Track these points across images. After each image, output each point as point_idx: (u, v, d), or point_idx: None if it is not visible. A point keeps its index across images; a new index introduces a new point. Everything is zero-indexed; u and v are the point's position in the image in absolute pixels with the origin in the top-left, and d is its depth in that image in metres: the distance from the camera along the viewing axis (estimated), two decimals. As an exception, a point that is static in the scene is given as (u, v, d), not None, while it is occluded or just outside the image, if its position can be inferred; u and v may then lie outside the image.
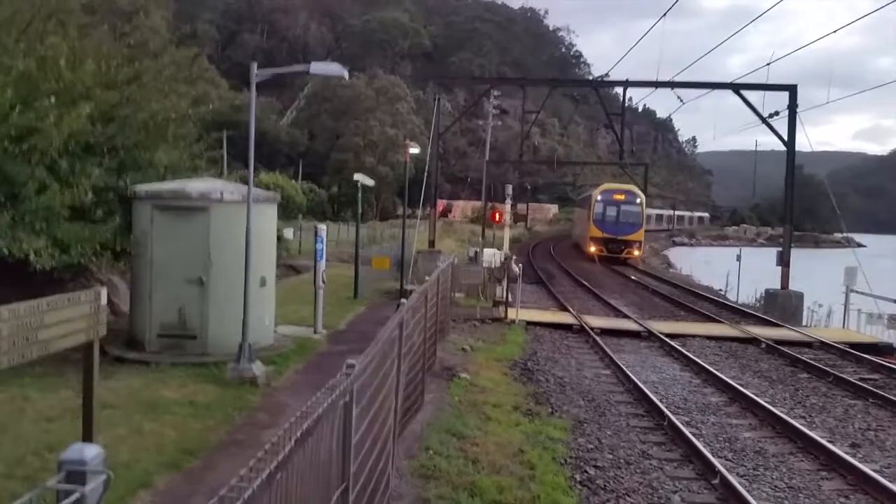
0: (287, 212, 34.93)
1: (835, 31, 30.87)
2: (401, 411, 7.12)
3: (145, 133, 12.25)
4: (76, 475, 2.21)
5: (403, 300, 7.50)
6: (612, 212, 40.08)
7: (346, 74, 11.36)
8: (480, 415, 9.04)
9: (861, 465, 8.14)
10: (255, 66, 10.06)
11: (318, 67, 11.17)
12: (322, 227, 14.49)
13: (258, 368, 9.61)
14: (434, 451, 7.35)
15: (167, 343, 10.61)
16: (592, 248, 40.48)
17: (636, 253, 40.46)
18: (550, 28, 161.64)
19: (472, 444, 7.83)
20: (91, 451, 2.24)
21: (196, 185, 11.28)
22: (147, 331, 10.72)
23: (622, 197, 40.82)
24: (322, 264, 13.81)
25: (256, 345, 10.19)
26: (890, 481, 7.68)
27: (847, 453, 8.69)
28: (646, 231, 45.06)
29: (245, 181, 10.70)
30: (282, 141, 74.25)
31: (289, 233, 27.90)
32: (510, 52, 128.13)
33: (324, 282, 13.60)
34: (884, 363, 14.36)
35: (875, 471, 8.08)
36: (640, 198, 41.17)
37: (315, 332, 13.20)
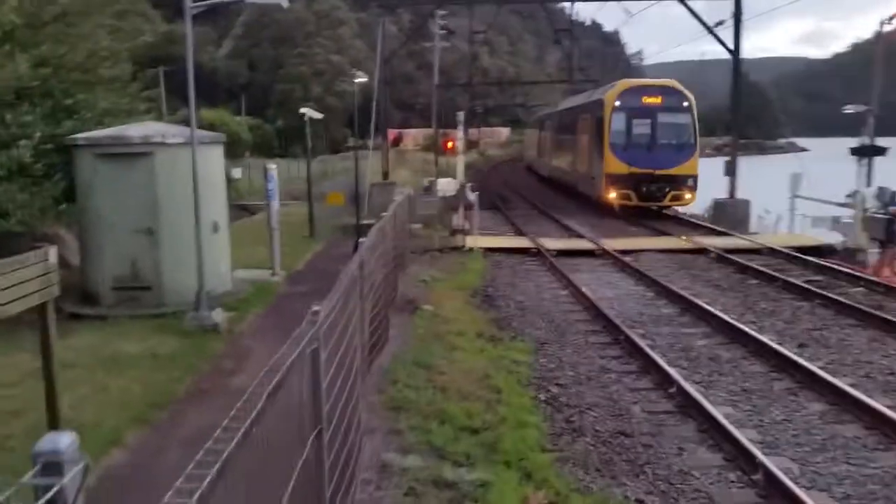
0: (233, 150, 34.07)
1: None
2: (367, 348, 7.21)
3: (80, 74, 11.69)
4: (53, 466, 2.17)
5: (362, 239, 7.47)
6: (642, 127, 24.04)
7: (285, 3, 10.93)
8: (445, 344, 9.20)
9: (807, 364, 8.58)
10: (188, -2, 9.56)
11: (254, -3, 10.70)
12: (272, 166, 14.18)
13: (218, 315, 9.56)
14: (403, 384, 7.49)
15: (122, 296, 10.44)
16: (612, 194, 24.10)
17: (688, 196, 24.46)
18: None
19: (439, 373, 7.99)
20: (65, 441, 2.21)
21: (137, 130, 10.89)
22: (100, 285, 10.52)
23: (658, 100, 24.26)
24: (275, 205, 13.59)
25: (214, 291, 10.11)
26: (832, 376, 8.15)
27: (794, 353, 9.14)
28: None
29: (187, 122, 10.35)
30: (221, 74, 71.64)
31: (237, 172, 27.26)
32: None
33: (278, 223, 13.42)
34: (828, 265, 14.97)
35: (820, 367, 8.55)
36: (689, 100, 24.33)
37: (273, 274, 13.12)
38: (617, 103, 24.48)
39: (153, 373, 7.77)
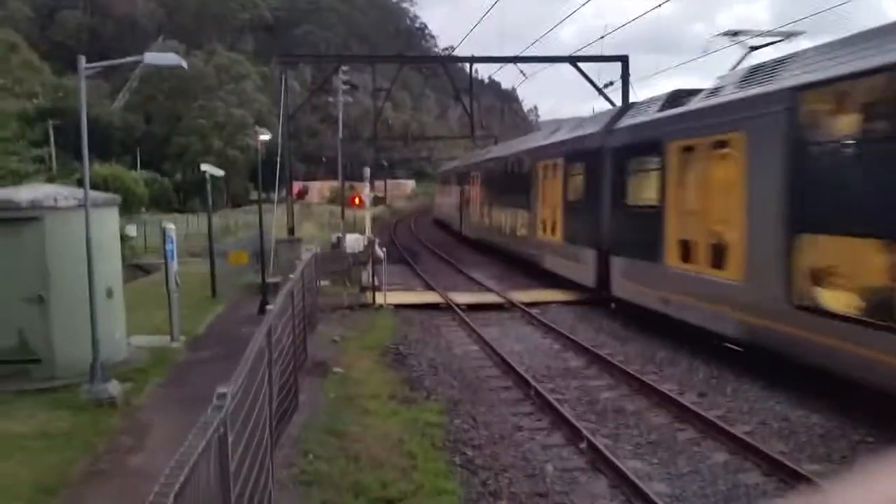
0: (128, 206, 32.73)
1: (659, 6, 33.30)
2: (275, 417, 6.97)
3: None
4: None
5: (269, 306, 7.30)
6: None
7: (184, 64, 10.80)
8: (357, 408, 9.04)
9: (707, 414, 8.94)
10: (83, 59, 9.26)
11: (152, 57, 10.54)
12: (171, 226, 13.69)
13: (114, 388, 9.03)
14: (314, 455, 7.27)
15: (9, 370, 9.70)
16: None
17: None
18: (393, 0, 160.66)
19: (352, 440, 7.82)
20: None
21: (26, 193, 10.33)
22: (-18, 358, 9.73)
23: None
24: (174, 266, 13.08)
25: (109, 361, 9.57)
26: (730, 426, 8.52)
27: (694, 403, 9.51)
28: None
29: (80, 181, 9.91)
30: (115, 127, 69.17)
31: (132, 230, 26.21)
32: (356, 25, 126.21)
33: (177, 284, 12.90)
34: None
35: (719, 416, 8.93)
36: None
37: (172, 339, 12.52)
38: None
39: (44, 454, 7.20)
